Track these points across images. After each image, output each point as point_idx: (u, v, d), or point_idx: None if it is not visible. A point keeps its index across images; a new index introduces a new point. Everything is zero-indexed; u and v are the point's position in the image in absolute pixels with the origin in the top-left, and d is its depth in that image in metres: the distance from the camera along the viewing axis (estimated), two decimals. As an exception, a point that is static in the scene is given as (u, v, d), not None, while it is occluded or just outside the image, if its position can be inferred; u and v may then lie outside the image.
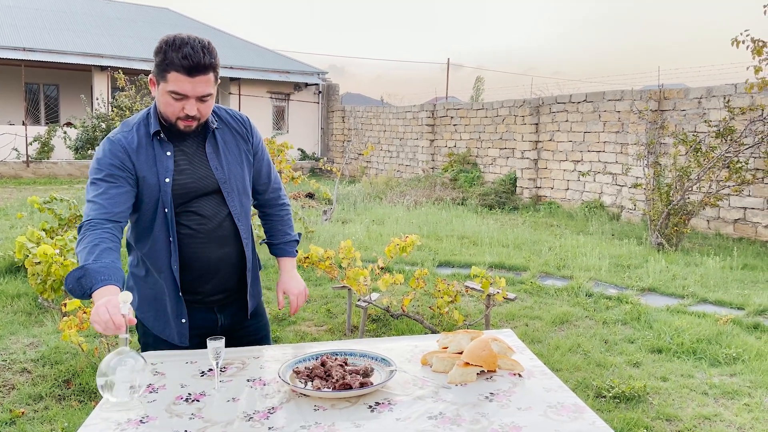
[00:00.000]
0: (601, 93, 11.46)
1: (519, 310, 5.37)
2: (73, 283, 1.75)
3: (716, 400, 3.66)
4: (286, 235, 2.33)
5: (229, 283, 2.14)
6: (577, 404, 1.65)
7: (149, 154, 1.97)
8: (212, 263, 2.07)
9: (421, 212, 10.88)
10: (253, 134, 2.18)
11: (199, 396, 1.69)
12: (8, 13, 21.29)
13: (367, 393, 1.67)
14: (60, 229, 6.15)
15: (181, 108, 1.91)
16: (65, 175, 17.73)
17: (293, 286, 2.30)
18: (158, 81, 1.92)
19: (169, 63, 1.85)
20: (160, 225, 1.99)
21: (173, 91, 1.88)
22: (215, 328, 2.16)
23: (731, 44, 7.43)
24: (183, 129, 1.97)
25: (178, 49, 1.84)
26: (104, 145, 1.97)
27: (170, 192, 1.97)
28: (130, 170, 1.95)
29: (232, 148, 2.10)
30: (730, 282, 6.31)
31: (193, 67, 1.85)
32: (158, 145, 1.98)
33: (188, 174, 2.01)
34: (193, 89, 1.88)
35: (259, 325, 2.29)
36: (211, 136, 2.07)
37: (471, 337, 1.92)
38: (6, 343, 4.36)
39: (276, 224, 2.33)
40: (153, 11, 26.27)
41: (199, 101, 1.92)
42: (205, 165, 2.04)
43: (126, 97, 12.62)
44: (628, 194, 10.36)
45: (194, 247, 2.03)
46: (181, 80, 1.86)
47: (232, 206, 2.07)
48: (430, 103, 16.96)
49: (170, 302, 2.05)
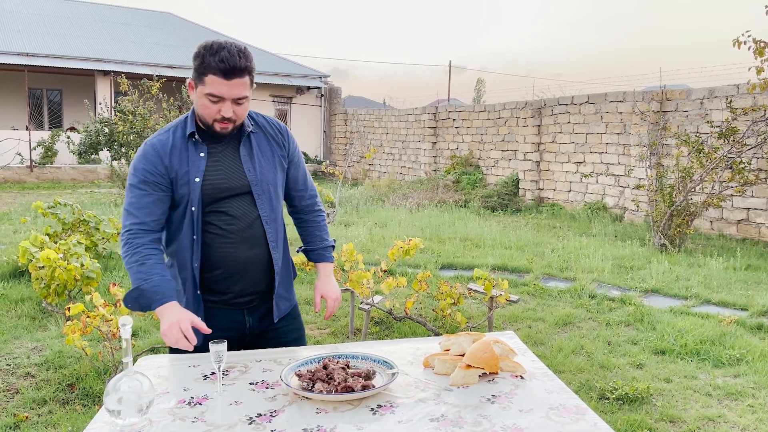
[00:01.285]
0: (603, 94, 11.46)
1: (522, 312, 5.36)
2: (132, 302, 1.94)
3: (720, 401, 3.65)
4: (323, 240, 2.38)
5: (258, 285, 2.16)
6: (579, 406, 1.65)
7: (183, 155, 2.04)
8: (240, 264, 2.10)
9: (424, 215, 10.88)
10: (289, 141, 2.24)
11: (201, 399, 1.70)
12: (11, 18, 21.38)
13: (369, 396, 1.67)
14: (63, 234, 6.18)
15: (217, 110, 1.98)
16: (69, 180, 17.78)
17: (331, 290, 2.33)
18: (196, 84, 1.99)
19: (206, 66, 1.93)
20: (187, 223, 2.05)
21: (210, 94, 1.95)
22: (243, 330, 2.18)
23: (733, 45, 7.42)
24: (219, 131, 2.03)
25: (216, 53, 1.92)
26: (140, 150, 2.07)
27: (199, 191, 2.03)
28: (163, 174, 2.02)
29: (266, 152, 2.15)
30: (733, 283, 6.30)
31: (229, 70, 1.92)
32: (193, 146, 2.05)
33: (220, 174, 2.06)
34: (229, 92, 1.95)
35: (291, 327, 2.30)
36: (246, 139, 2.12)
37: (473, 339, 1.92)
38: (10, 348, 4.38)
39: (313, 230, 2.38)
40: (156, 16, 26.35)
41: (235, 104, 1.98)
42: (238, 166, 2.09)
43: (129, 101, 12.64)
44: (631, 195, 10.35)
45: (223, 248, 2.07)
46: (218, 83, 1.93)
47: (261, 208, 2.11)
48: (432, 106, 16.97)
49: (188, 299, 2.09)
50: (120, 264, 6.65)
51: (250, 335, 2.20)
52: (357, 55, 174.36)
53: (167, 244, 2.13)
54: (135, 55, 20.81)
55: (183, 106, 13.12)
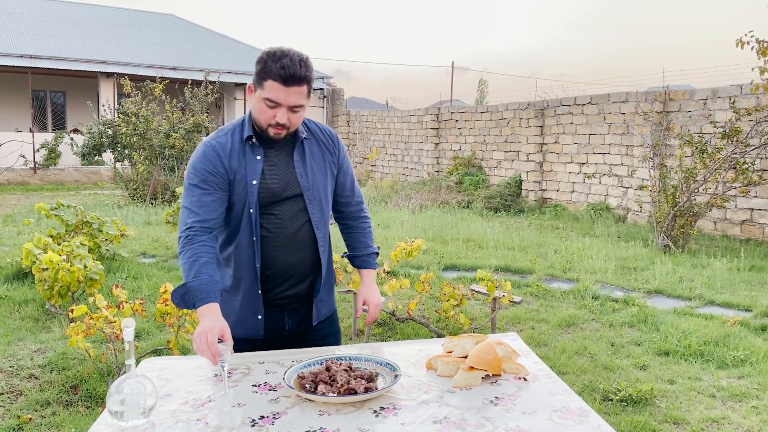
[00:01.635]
0: (605, 95, 11.45)
1: (525, 313, 5.36)
2: (178, 299, 1.95)
3: (724, 402, 3.64)
4: (368, 247, 2.41)
5: (301, 288, 2.19)
6: (583, 408, 1.64)
7: (241, 158, 2.08)
8: (286, 267, 2.13)
9: (427, 216, 10.88)
10: (339, 149, 2.28)
11: (204, 402, 1.70)
12: (15, 20, 21.45)
13: (371, 398, 1.67)
14: (67, 236, 6.19)
15: (273, 115, 2.01)
16: (72, 182, 17.83)
17: (374, 296, 2.35)
18: (256, 88, 2.03)
19: (267, 72, 1.97)
20: (245, 225, 2.09)
21: (268, 99, 1.99)
22: (282, 332, 2.21)
23: (736, 45, 7.41)
24: (272, 136, 2.07)
25: (278, 59, 1.96)
26: (199, 150, 2.10)
27: (256, 193, 2.07)
28: (222, 175, 2.06)
29: (318, 159, 2.19)
30: (737, 283, 6.28)
31: (288, 78, 1.95)
32: (249, 149, 2.10)
33: (274, 178, 2.10)
34: (287, 98, 1.98)
35: (328, 331, 2.32)
36: (300, 145, 2.16)
37: (476, 341, 1.92)
38: (14, 349, 4.39)
39: (359, 237, 2.40)
40: (158, 17, 26.41)
41: (291, 111, 2.01)
42: (291, 171, 2.13)
43: (132, 103, 12.67)
44: (634, 196, 10.33)
45: (270, 250, 2.10)
46: (277, 89, 1.97)
47: (312, 213, 2.14)
48: (434, 107, 16.97)
49: (247, 299, 2.12)
50: (123, 266, 6.66)
51: (288, 337, 2.23)
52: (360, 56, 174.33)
53: (225, 245, 2.16)
54: (138, 57, 20.86)
55: (186, 108, 13.14)
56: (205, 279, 1.94)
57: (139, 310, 3.55)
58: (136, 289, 5.92)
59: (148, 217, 10.39)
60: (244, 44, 25.70)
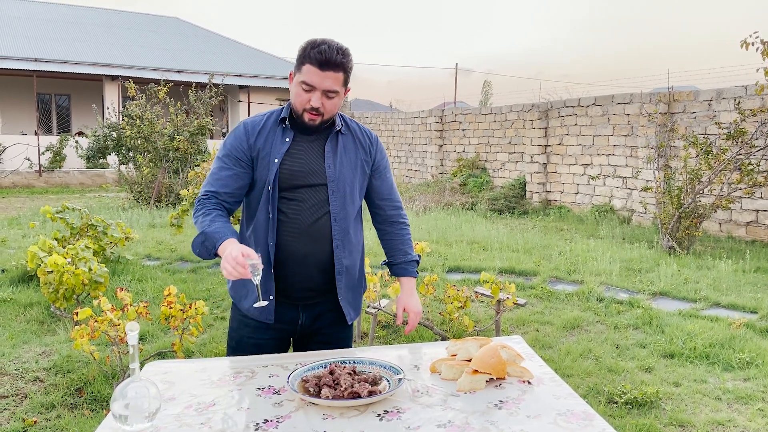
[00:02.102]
0: (610, 96, 11.42)
1: (529, 315, 5.34)
2: (199, 247, 2.00)
3: (730, 405, 3.62)
4: (407, 254, 2.38)
5: (316, 282, 2.18)
6: (587, 412, 1.64)
7: (270, 137, 2.14)
8: (299, 257, 2.13)
9: (431, 217, 10.87)
10: (377, 150, 2.29)
11: (208, 405, 1.70)
12: (20, 24, 21.55)
13: (375, 401, 1.67)
14: (72, 238, 6.21)
15: (308, 99, 2.06)
16: (77, 184, 17.88)
17: (414, 304, 2.34)
18: (295, 73, 2.10)
19: (305, 56, 2.04)
20: (263, 203, 2.13)
21: (304, 82, 2.05)
22: (296, 325, 2.22)
23: (741, 46, 7.38)
24: (307, 122, 2.10)
25: (317, 46, 2.03)
26: (236, 126, 2.20)
27: (276, 172, 2.10)
28: (245, 150, 2.13)
29: (351, 154, 2.21)
30: (742, 285, 6.26)
31: (324, 62, 2.01)
32: (281, 131, 2.15)
33: (299, 162, 2.13)
34: (321, 82, 2.03)
35: (341, 336, 2.31)
36: (333, 137, 2.19)
37: (480, 344, 1.91)
38: (19, 352, 4.40)
39: (396, 243, 2.38)
40: (163, 21, 26.50)
41: (325, 96, 2.06)
42: (320, 160, 2.15)
43: (137, 106, 12.71)
44: (639, 197, 10.31)
45: (285, 235, 2.13)
46: (313, 72, 2.03)
47: (333, 204, 2.15)
48: (438, 109, 16.97)
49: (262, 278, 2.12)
50: (128, 268, 6.68)
51: (300, 332, 2.24)
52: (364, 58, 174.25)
53: (247, 223, 2.20)
54: (142, 60, 20.93)
55: (190, 111, 13.17)
56: (219, 225, 2.01)
57: (143, 313, 3.55)
58: (141, 291, 5.94)
59: (153, 219, 10.41)
60: (248, 47, 25.76)
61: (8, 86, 20.62)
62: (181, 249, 7.89)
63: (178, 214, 7.33)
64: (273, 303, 2.16)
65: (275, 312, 2.17)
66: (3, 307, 5.37)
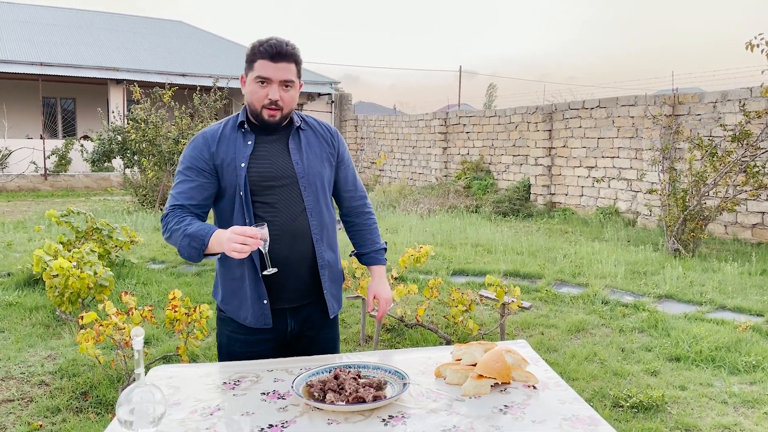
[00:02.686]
0: (614, 98, 11.41)
1: (534, 318, 5.33)
2: (187, 249, 1.98)
3: (736, 409, 3.61)
4: (376, 243, 2.41)
5: (302, 281, 2.18)
6: (593, 417, 1.63)
7: (231, 143, 2.14)
8: (283, 258, 2.11)
9: (435, 220, 10.86)
10: (338, 142, 2.32)
11: (213, 410, 1.70)
12: (25, 28, 21.66)
13: (380, 406, 1.67)
14: (77, 242, 6.23)
15: (265, 94, 2.08)
16: (82, 188, 17.95)
17: (384, 291, 2.37)
18: (247, 73, 2.13)
19: (255, 53, 2.08)
20: (237, 209, 2.12)
21: (259, 76, 2.07)
22: (285, 333, 2.21)
23: (746, 48, 7.36)
24: (267, 118, 2.11)
25: (265, 42, 2.09)
26: (192, 139, 2.19)
27: (245, 176, 2.09)
28: (206, 160, 2.12)
29: (315, 148, 2.23)
30: (748, 288, 6.23)
31: (276, 54, 2.06)
32: (241, 135, 2.15)
33: (267, 163, 2.13)
34: (276, 74, 2.06)
35: (328, 338, 2.31)
36: (295, 134, 2.21)
37: (485, 348, 1.91)
38: (24, 356, 4.41)
39: (365, 234, 2.41)
40: (167, 24, 26.58)
41: (282, 88, 2.09)
42: (286, 158, 2.16)
43: (141, 109, 12.73)
44: (644, 200, 10.28)
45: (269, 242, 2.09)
46: (266, 66, 2.06)
47: (307, 200, 2.15)
48: (442, 111, 16.97)
49: (249, 284, 2.13)
50: (133, 272, 6.69)
51: (290, 337, 2.23)
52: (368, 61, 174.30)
53: None
54: (147, 64, 20.99)
55: (195, 114, 13.20)
56: (200, 225, 2.01)
57: (148, 316, 3.56)
58: (146, 295, 5.95)
59: (158, 223, 10.43)
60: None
61: (14, 90, 20.72)
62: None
63: (182, 218, 7.33)
64: (268, 306, 2.14)
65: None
66: (9, 311, 5.39)
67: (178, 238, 2.00)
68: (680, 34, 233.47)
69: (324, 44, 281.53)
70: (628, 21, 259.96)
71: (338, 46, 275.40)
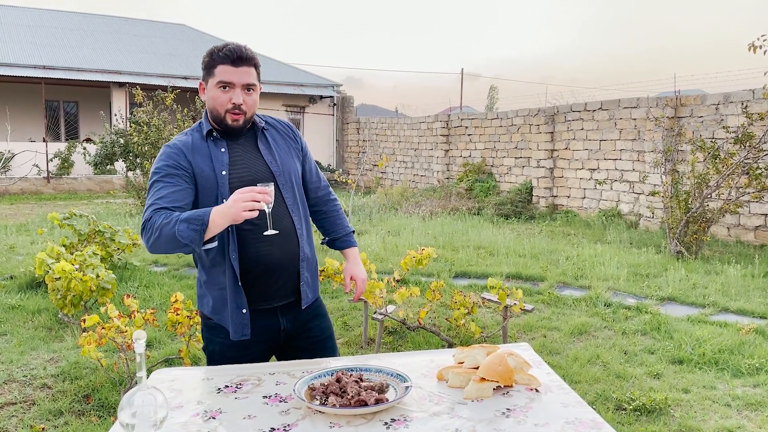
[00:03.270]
0: (616, 101, 11.40)
1: (537, 321, 5.32)
2: (188, 233, 1.88)
3: (739, 411, 3.59)
4: (345, 228, 2.49)
5: (291, 278, 2.20)
6: (596, 420, 1.62)
7: (205, 153, 2.12)
8: (274, 259, 2.14)
9: (437, 223, 10.86)
10: (298, 137, 2.36)
11: (215, 413, 1.70)
12: (28, 31, 21.71)
13: (382, 409, 1.66)
14: (79, 245, 6.23)
15: (228, 99, 2.08)
16: (85, 191, 17.98)
17: (360, 272, 2.43)
18: (207, 80, 2.13)
19: (215, 59, 2.09)
20: None
21: (221, 81, 2.08)
22: (278, 332, 2.22)
23: (748, 50, 7.35)
24: (231, 123, 2.12)
25: (223, 48, 2.10)
26: (161, 152, 2.14)
27: (228, 184, 2.08)
28: (186, 168, 2.08)
29: (283, 146, 2.26)
30: (752, 290, 6.21)
31: (236, 59, 2.07)
32: (212, 143, 2.15)
33: (244, 167, 2.14)
34: (239, 78, 2.08)
35: (323, 326, 2.35)
36: (261, 135, 2.23)
37: (487, 351, 1.91)
38: (27, 359, 4.41)
39: (333, 219, 2.48)
40: (170, 28, 26.63)
41: (245, 92, 2.10)
42: (260, 159, 2.18)
43: (144, 112, 12.76)
44: (646, 202, 10.27)
45: (256, 243, 2.11)
46: (227, 71, 2.07)
47: (287, 197, 2.18)
48: (444, 114, 16.98)
49: (230, 293, 2.12)
50: (135, 275, 6.70)
51: (284, 338, 2.24)
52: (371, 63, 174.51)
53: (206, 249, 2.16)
54: (150, 67, 21.04)
55: (197, 117, 13.21)
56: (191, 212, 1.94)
57: (150, 319, 3.56)
58: (148, 298, 5.95)
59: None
60: (255, 53, 25.83)
61: (17, 93, 20.77)
62: (188, 255, 7.90)
63: (185, 221, 7.33)
64: (248, 317, 2.12)
65: (252, 326, 2.15)
66: (11, 314, 5.40)
67: (172, 227, 1.89)
68: (682, 35, 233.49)
69: (327, 47, 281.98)
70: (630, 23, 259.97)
71: (342, 49, 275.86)
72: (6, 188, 17.02)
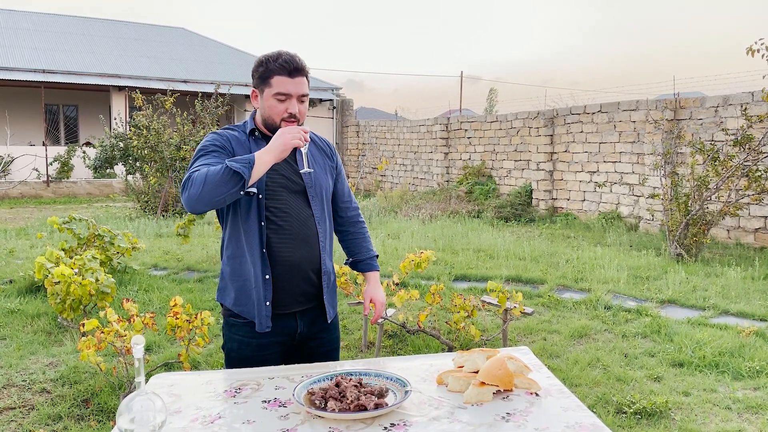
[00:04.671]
0: (615, 103, 11.41)
1: (537, 324, 5.32)
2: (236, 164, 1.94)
3: (740, 414, 3.59)
4: (369, 251, 2.53)
5: (309, 286, 2.25)
6: (596, 424, 1.62)
7: (246, 148, 2.20)
8: (294, 262, 2.19)
9: (437, 225, 10.86)
10: (336, 156, 2.43)
11: (214, 418, 1.69)
12: (28, 35, 21.74)
13: (382, 414, 1.66)
14: (79, 249, 6.23)
15: (284, 108, 2.16)
16: (84, 194, 17.98)
17: (379, 295, 2.48)
18: (262, 89, 2.19)
19: (271, 70, 2.14)
20: (254, 211, 2.16)
21: (278, 93, 2.15)
22: (294, 336, 2.27)
23: (746, 53, 7.37)
24: None
25: (277, 58, 2.15)
26: (207, 136, 2.23)
27: (265, 180, 2.14)
28: (230, 152, 2.16)
29: (318, 160, 2.33)
30: (752, 293, 6.21)
31: (293, 70, 2.15)
32: (254, 142, 2.22)
33: (279, 171, 2.19)
34: (295, 89, 2.16)
35: (332, 338, 2.40)
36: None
37: (487, 355, 1.90)
38: (26, 363, 4.40)
39: (359, 242, 2.51)
40: (169, 31, 26.67)
41: (299, 101, 2.18)
42: (294, 169, 2.24)
43: (143, 116, 12.77)
44: (646, 204, 10.27)
45: (278, 243, 2.17)
46: (284, 82, 2.14)
47: (315, 209, 2.25)
48: (444, 116, 16.98)
49: (255, 285, 2.17)
50: (134, 278, 6.69)
51: (298, 340, 2.29)
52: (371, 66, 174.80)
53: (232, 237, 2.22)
54: (149, 71, 21.06)
55: (196, 120, 13.23)
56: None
57: (149, 323, 3.56)
58: (147, 301, 5.95)
59: (159, 229, 10.44)
60: (254, 56, 25.83)
61: (16, 97, 20.79)
62: (188, 258, 7.90)
63: (184, 224, 7.34)
64: (270, 309, 2.19)
65: (274, 323, 2.21)
66: (10, 318, 5.39)
67: (218, 171, 1.94)
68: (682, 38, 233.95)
69: (327, 50, 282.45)
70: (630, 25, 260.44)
71: (342, 52, 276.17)
72: (6, 192, 17.02)
